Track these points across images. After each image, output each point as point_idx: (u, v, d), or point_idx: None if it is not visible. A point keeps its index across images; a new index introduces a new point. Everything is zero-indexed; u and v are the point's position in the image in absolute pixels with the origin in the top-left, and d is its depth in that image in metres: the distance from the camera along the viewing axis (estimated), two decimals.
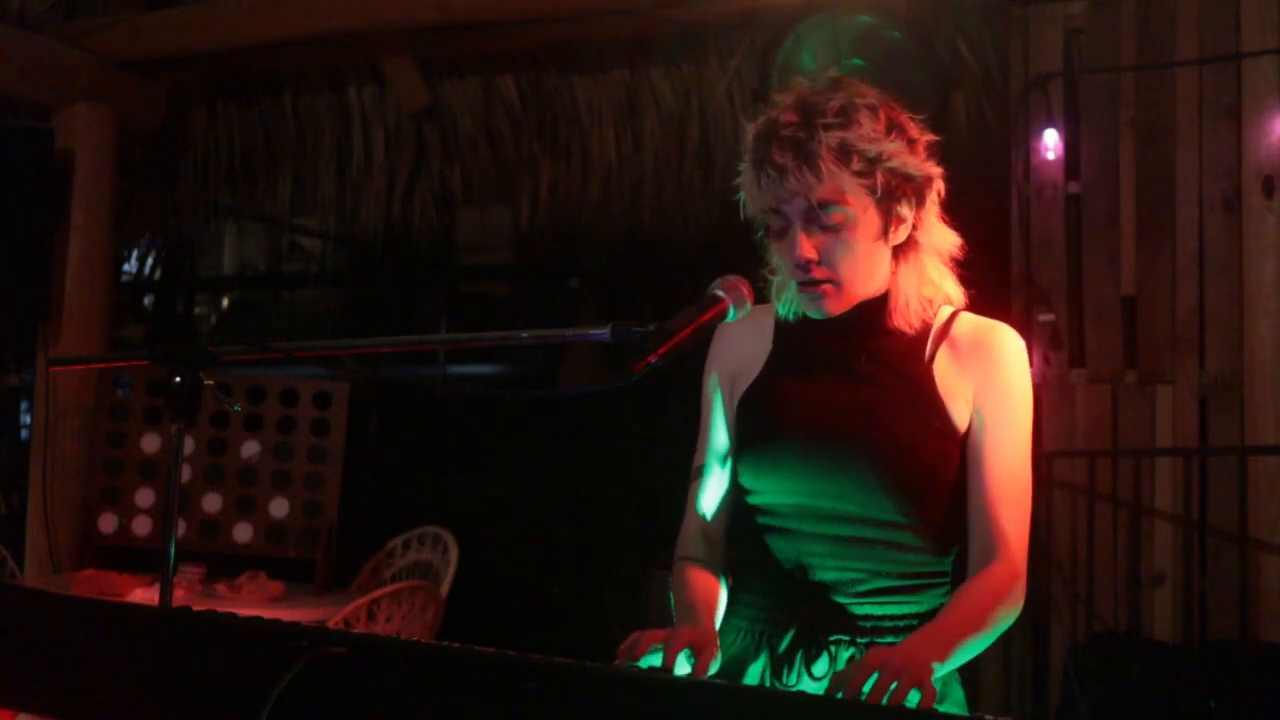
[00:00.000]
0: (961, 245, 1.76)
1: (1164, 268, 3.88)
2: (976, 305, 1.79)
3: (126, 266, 6.93)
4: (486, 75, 5.09)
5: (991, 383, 1.70)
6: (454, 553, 4.20)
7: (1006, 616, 1.65)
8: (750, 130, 1.70)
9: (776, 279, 1.78)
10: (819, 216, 1.64)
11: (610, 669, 1.44)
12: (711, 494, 1.83)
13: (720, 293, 1.63)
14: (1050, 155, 4.02)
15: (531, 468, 6.14)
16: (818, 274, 1.66)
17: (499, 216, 6.71)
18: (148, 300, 7.68)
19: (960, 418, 1.70)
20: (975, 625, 1.61)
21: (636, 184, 5.05)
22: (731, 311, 1.64)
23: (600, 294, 6.71)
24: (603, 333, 1.62)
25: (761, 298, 1.76)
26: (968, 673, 1.75)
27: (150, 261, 7.24)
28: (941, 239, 1.75)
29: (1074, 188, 4.03)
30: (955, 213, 1.80)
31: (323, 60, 5.15)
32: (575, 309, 6.90)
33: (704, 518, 1.82)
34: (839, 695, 1.43)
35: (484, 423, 6.26)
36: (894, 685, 1.41)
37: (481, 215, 6.84)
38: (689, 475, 1.86)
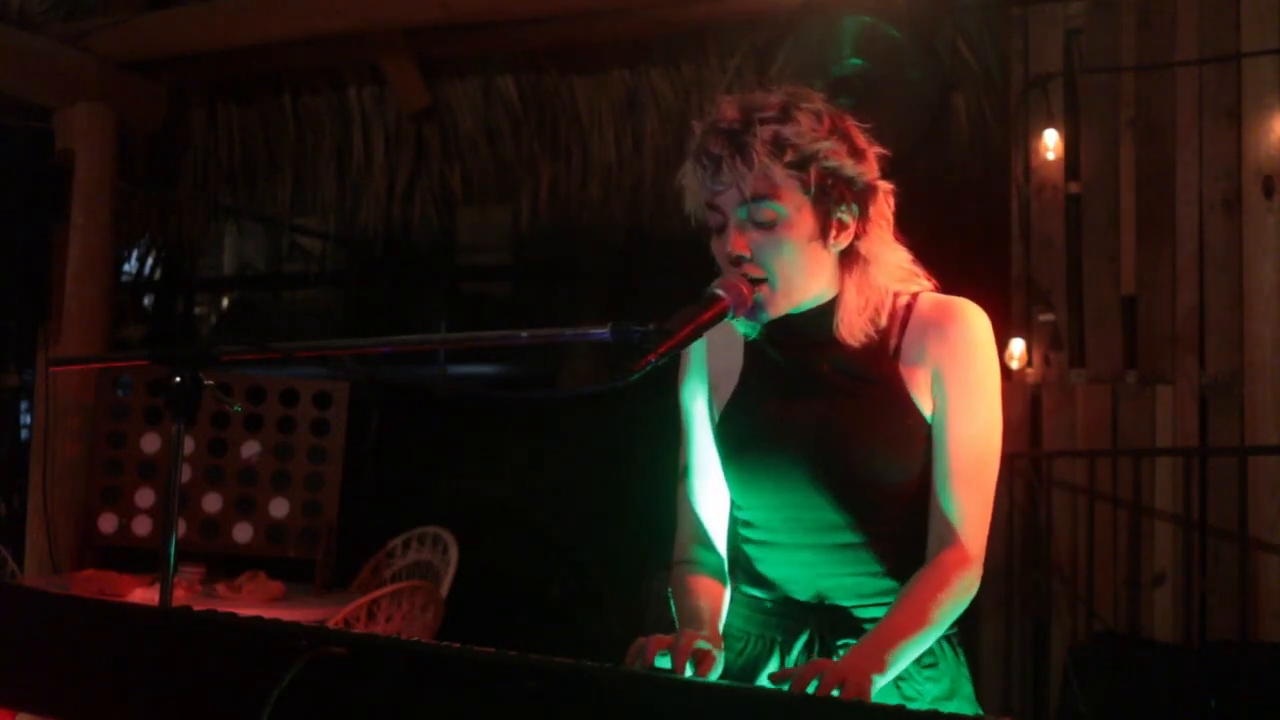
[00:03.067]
0: (913, 259, 1.73)
1: (1164, 268, 3.88)
2: (976, 305, 1.78)
3: (126, 266, 6.93)
4: (486, 75, 5.09)
5: (953, 359, 1.67)
6: (454, 553, 4.20)
7: (955, 607, 1.63)
8: (697, 127, 1.70)
9: None
10: (752, 211, 1.63)
11: (610, 669, 1.44)
12: (700, 497, 1.83)
13: (720, 292, 1.63)
14: (1050, 155, 4.02)
15: (531, 468, 6.14)
16: (750, 271, 1.64)
17: (499, 216, 6.71)
18: (148, 300, 7.67)
19: (927, 407, 1.69)
20: (917, 625, 1.59)
21: (636, 184, 5.05)
22: (731, 311, 1.64)
23: (600, 294, 6.71)
24: (603, 333, 1.62)
25: None
26: (968, 673, 1.75)
27: (150, 261, 7.23)
28: (890, 254, 1.70)
29: (1074, 188, 4.03)
30: (955, 213, 1.80)
31: (323, 60, 5.15)
32: (575, 309, 6.90)
33: (696, 521, 1.83)
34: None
35: (484, 423, 6.26)
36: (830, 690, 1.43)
37: (481, 215, 6.84)
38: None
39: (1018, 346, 3.99)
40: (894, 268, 1.71)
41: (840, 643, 1.68)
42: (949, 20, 4.30)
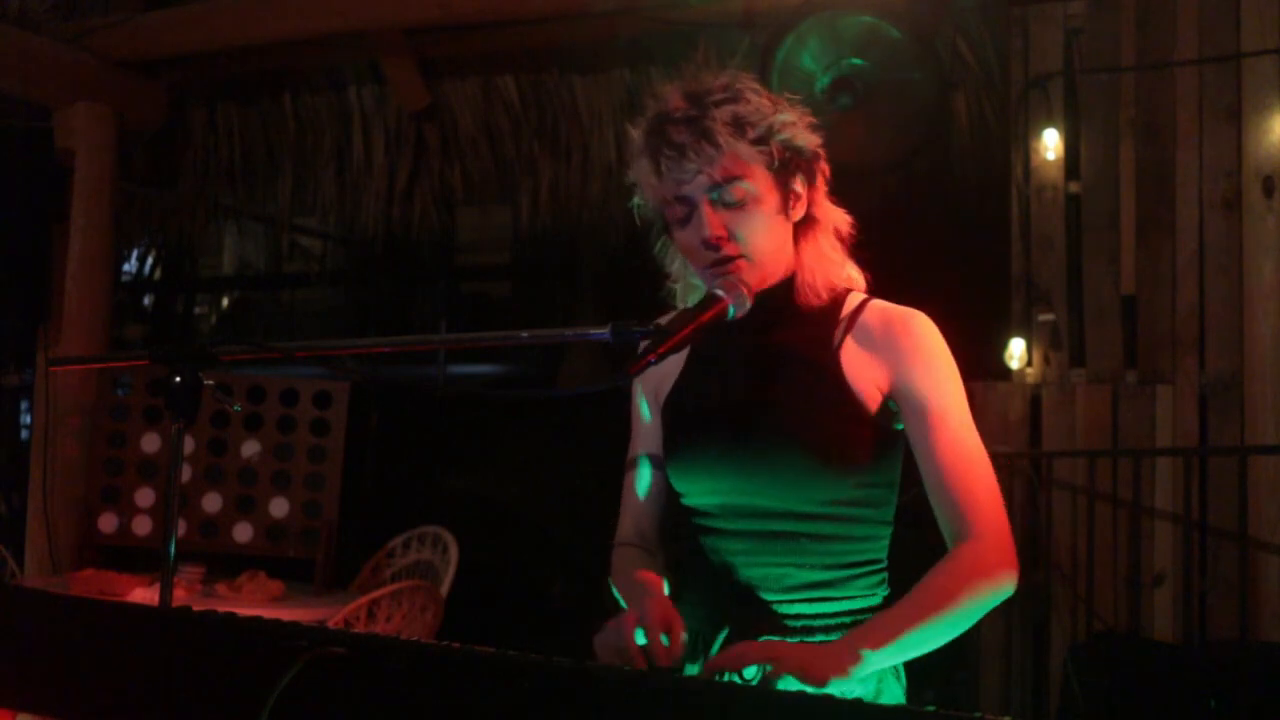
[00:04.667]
0: (853, 223, 1.77)
1: (1164, 268, 3.88)
2: (977, 305, 1.79)
3: (126, 266, 6.94)
4: (486, 75, 5.09)
5: (914, 364, 1.67)
6: (454, 553, 4.20)
7: (982, 594, 1.58)
8: (639, 127, 1.72)
9: (679, 285, 1.81)
10: (723, 193, 1.65)
11: (610, 669, 1.44)
12: (640, 486, 1.86)
13: (720, 292, 1.63)
14: (1050, 155, 4.02)
15: (531, 468, 6.14)
16: (729, 249, 1.66)
17: (499, 216, 6.72)
18: (148, 300, 7.68)
19: (871, 404, 1.68)
20: (929, 611, 1.56)
21: (636, 184, 5.05)
22: (731, 311, 1.64)
23: (600, 294, 6.71)
24: (603, 333, 1.62)
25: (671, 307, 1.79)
26: (968, 673, 1.75)
27: (150, 261, 7.24)
28: (835, 216, 1.76)
29: (1074, 188, 4.03)
30: (955, 213, 1.81)
31: (323, 60, 5.15)
32: (575, 309, 6.90)
33: (637, 508, 1.86)
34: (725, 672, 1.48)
35: (484, 423, 6.26)
36: (780, 678, 1.45)
37: (481, 215, 6.85)
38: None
39: (1018, 346, 3.98)
40: (839, 228, 1.76)
41: (762, 639, 1.63)
42: (949, 20, 4.30)
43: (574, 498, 5.99)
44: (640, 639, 1.56)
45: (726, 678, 1.52)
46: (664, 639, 1.56)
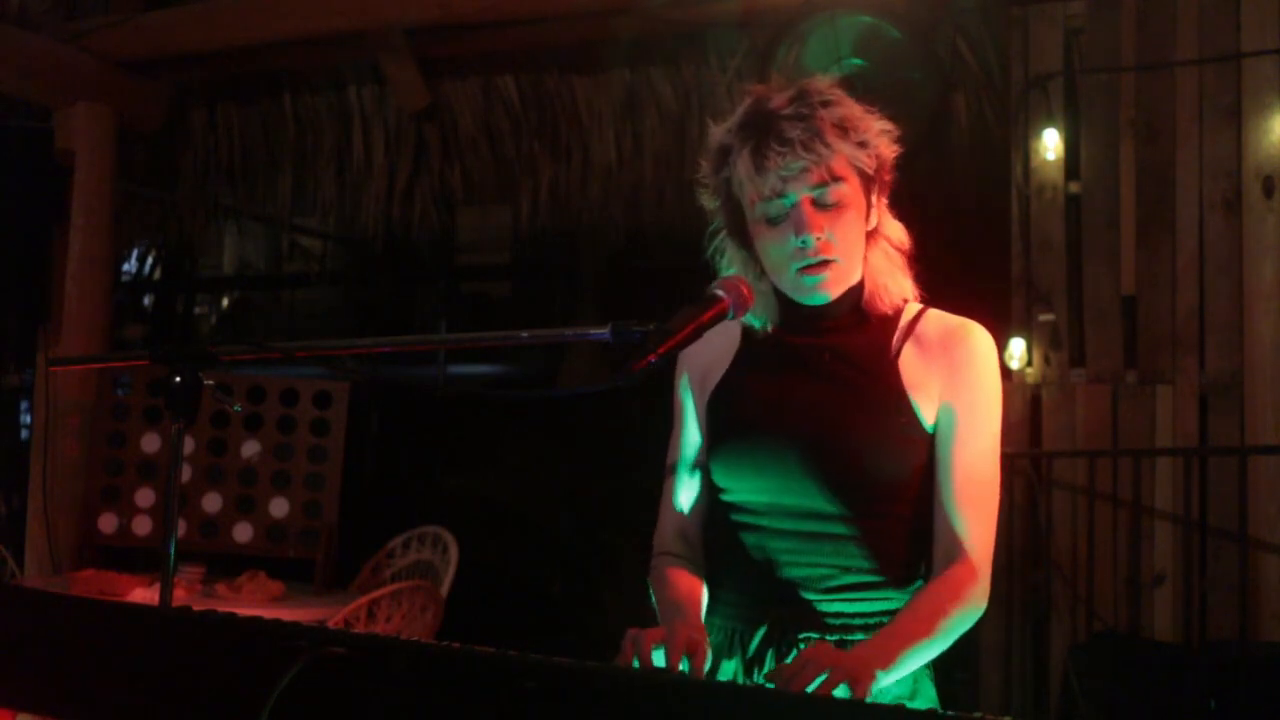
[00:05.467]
0: (912, 241, 1.78)
1: (1164, 268, 3.88)
2: (977, 305, 1.79)
3: (126, 266, 6.94)
4: (486, 75, 5.09)
5: (960, 379, 1.70)
6: (454, 553, 4.20)
7: (964, 620, 1.64)
8: (731, 123, 1.71)
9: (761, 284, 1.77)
10: (824, 194, 1.66)
11: (610, 669, 1.44)
12: (686, 492, 1.84)
13: (720, 292, 1.63)
14: (1050, 155, 4.02)
15: (531, 468, 6.14)
16: (826, 252, 1.67)
17: (499, 216, 6.72)
18: (148, 300, 7.68)
19: (927, 413, 1.70)
20: (926, 631, 1.61)
21: (636, 184, 5.06)
22: (731, 311, 1.64)
23: (600, 294, 6.71)
24: (603, 333, 1.62)
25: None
26: (968, 673, 1.76)
27: (150, 261, 7.24)
28: (895, 229, 1.78)
29: (1074, 188, 4.03)
30: (955, 213, 1.82)
31: (323, 60, 5.15)
32: (575, 309, 6.90)
33: (681, 515, 1.84)
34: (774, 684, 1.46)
35: (484, 423, 6.26)
36: (836, 685, 1.43)
37: (481, 215, 6.85)
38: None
39: (1018, 346, 3.99)
40: (899, 243, 1.77)
41: (801, 636, 1.67)
42: (949, 20, 4.30)
43: (574, 498, 6.00)
44: (659, 660, 1.56)
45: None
46: (684, 664, 1.56)
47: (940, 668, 1.73)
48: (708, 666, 1.60)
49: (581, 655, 1.39)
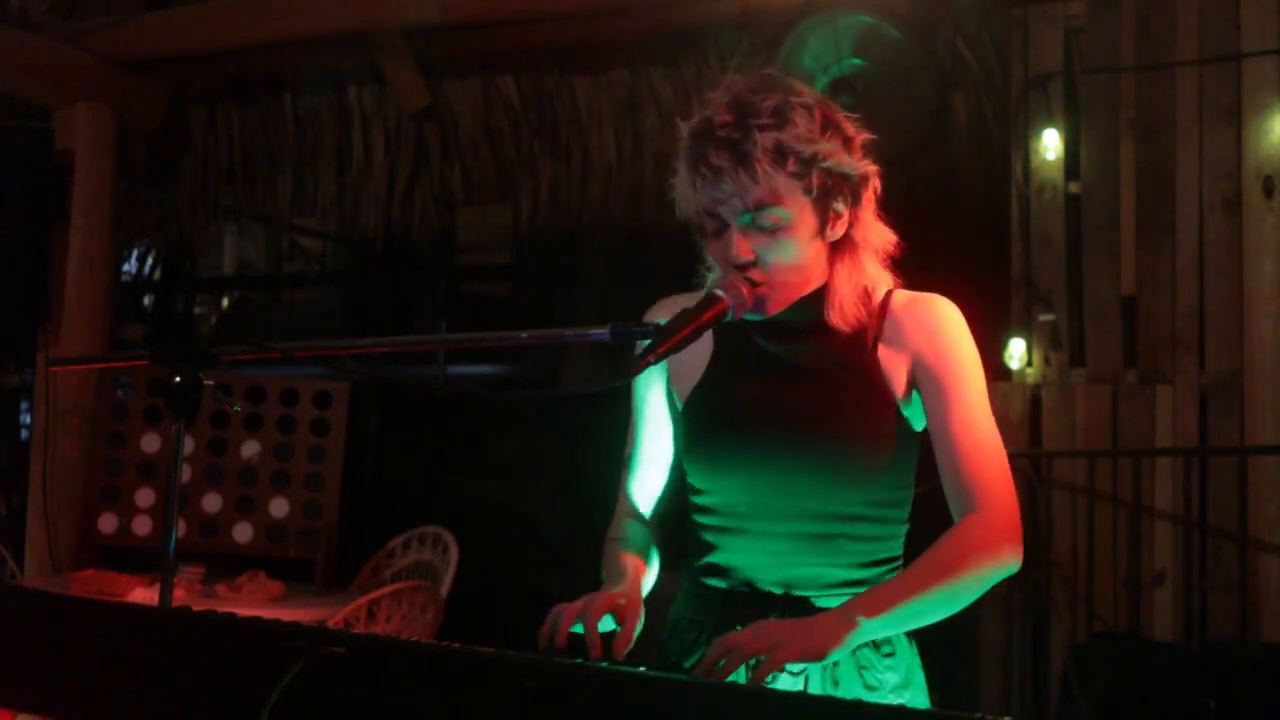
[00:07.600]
0: (897, 242, 1.74)
1: (1164, 268, 3.88)
2: (977, 305, 1.79)
3: (126, 266, 6.93)
4: (486, 75, 5.09)
5: (936, 347, 1.69)
6: (454, 553, 4.20)
7: (984, 568, 1.61)
8: (685, 129, 1.69)
9: (712, 275, 1.76)
10: (756, 218, 1.63)
11: (610, 669, 1.44)
12: (640, 487, 1.86)
13: (720, 293, 1.63)
14: (1050, 155, 4.02)
15: (531, 468, 6.14)
16: (755, 275, 1.65)
17: (499, 216, 6.71)
18: (148, 300, 7.67)
19: (901, 391, 1.70)
20: (932, 580, 1.59)
21: (636, 184, 5.05)
22: (731, 312, 1.64)
23: (600, 294, 6.71)
24: (603, 333, 1.62)
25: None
26: (968, 673, 1.76)
27: (150, 261, 7.23)
28: (878, 236, 1.73)
29: (1074, 188, 4.03)
30: (955, 213, 1.81)
31: (323, 60, 5.15)
32: (575, 309, 6.90)
33: (633, 505, 1.86)
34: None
35: (484, 423, 6.26)
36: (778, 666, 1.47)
37: (481, 215, 6.84)
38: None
39: (1018, 346, 3.99)
40: (880, 248, 1.73)
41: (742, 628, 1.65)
42: (949, 20, 4.30)
43: (574, 498, 5.99)
44: (578, 628, 1.58)
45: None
46: (608, 625, 1.57)
47: (940, 668, 1.73)
48: (638, 631, 1.59)
49: (581, 655, 1.39)
